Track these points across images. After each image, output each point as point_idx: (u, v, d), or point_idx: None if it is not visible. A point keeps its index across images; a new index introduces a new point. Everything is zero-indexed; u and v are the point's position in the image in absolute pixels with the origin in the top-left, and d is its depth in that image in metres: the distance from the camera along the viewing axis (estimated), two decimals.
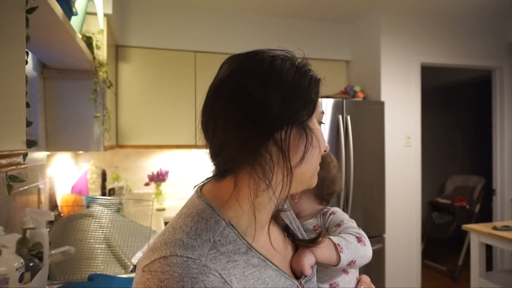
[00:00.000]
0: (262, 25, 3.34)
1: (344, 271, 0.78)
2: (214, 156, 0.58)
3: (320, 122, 0.62)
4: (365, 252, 0.74)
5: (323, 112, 0.63)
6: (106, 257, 1.54)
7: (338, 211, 0.87)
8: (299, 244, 0.69)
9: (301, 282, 0.63)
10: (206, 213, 0.54)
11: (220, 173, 0.58)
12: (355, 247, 0.73)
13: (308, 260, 0.65)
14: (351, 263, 0.72)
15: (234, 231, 0.55)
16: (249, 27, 3.30)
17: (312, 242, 0.68)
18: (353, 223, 0.81)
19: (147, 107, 3.00)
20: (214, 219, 0.54)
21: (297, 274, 0.65)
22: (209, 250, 0.50)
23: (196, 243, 0.50)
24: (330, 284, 0.77)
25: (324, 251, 0.69)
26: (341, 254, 0.70)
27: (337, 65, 3.59)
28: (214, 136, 0.56)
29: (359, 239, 0.75)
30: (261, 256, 0.57)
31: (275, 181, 0.55)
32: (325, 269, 0.76)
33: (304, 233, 0.77)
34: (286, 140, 0.54)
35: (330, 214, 0.86)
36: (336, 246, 0.70)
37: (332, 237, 0.73)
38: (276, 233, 0.66)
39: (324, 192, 0.91)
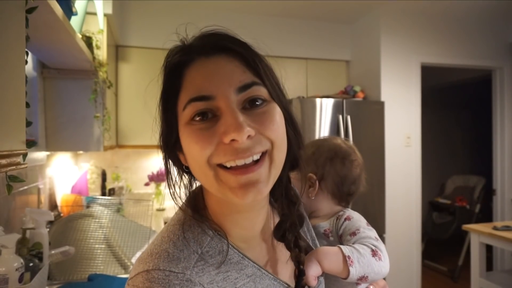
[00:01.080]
0: (262, 24, 3.33)
1: (356, 283, 0.70)
2: None
3: (200, 113, 0.47)
4: (379, 267, 0.66)
5: (198, 98, 0.47)
6: (106, 257, 1.54)
7: (355, 216, 0.77)
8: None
9: None
10: (193, 221, 0.52)
11: None
12: (368, 261, 0.65)
13: (313, 271, 0.60)
14: (362, 278, 0.64)
15: (223, 241, 0.51)
16: (249, 27, 3.30)
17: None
18: (371, 232, 0.73)
19: (147, 107, 3.00)
20: (201, 228, 0.51)
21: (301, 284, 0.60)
22: (196, 262, 0.47)
23: (183, 254, 0.47)
24: None
25: (332, 262, 0.63)
26: (350, 268, 0.63)
27: (337, 65, 3.58)
28: None
29: (374, 253, 0.67)
30: (256, 265, 0.53)
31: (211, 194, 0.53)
32: (331, 278, 0.69)
33: (317, 244, 0.70)
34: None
35: (345, 219, 0.76)
36: (346, 259, 0.64)
37: (343, 248, 0.65)
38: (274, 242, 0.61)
39: (343, 191, 0.81)
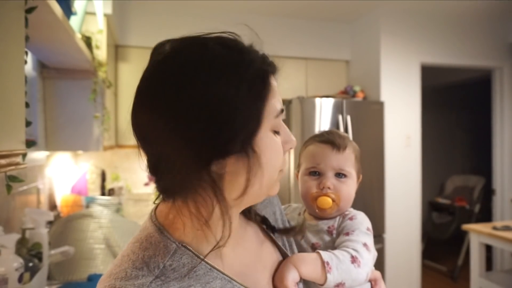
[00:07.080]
0: (262, 25, 3.32)
1: None
2: (151, 172, 0.49)
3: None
4: (357, 274, 0.65)
5: (282, 111, 0.53)
6: (105, 257, 1.54)
7: (359, 217, 0.77)
8: (276, 239, 0.63)
9: None
10: (155, 238, 0.50)
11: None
12: (347, 268, 0.64)
13: (292, 277, 0.59)
14: (339, 285, 0.64)
15: (188, 253, 0.49)
16: (248, 27, 3.29)
17: (289, 232, 0.63)
18: (364, 237, 0.72)
19: None
20: (163, 243, 0.49)
21: None
22: (156, 278, 0.46)
23: (142, 272, 0.46)
24: None
25: (310, 268, 0.62)
26: (328, 275, 0.62)
27: (337, 65, 3.58)
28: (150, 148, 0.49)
29: (353, 259, 0.66)
30: (226, 277, 0.50)
31: (216, 215, 0.49)
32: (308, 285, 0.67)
33: (287, 224, 0.69)
34: (216, 175, 0.46)
35: (349, 218, 0.76)
36: (324, 265, 0.63)
37: (322, 253, 0.65)
38: (249, 238, 0.60)
39: None
